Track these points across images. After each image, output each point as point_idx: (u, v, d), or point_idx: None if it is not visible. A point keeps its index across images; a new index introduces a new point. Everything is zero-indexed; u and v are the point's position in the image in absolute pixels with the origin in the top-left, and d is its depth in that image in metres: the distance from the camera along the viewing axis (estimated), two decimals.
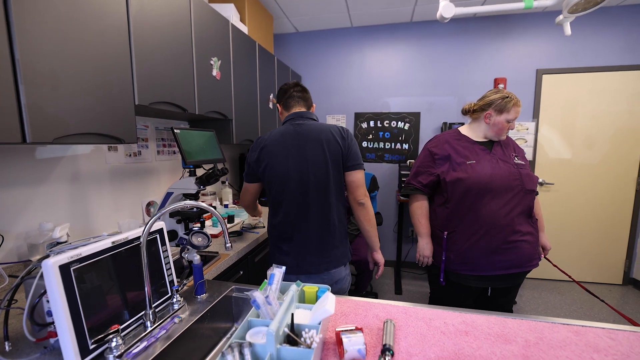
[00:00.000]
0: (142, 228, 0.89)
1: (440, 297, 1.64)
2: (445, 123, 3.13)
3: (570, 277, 1.84)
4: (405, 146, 3.35)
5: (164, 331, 0.88)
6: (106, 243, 0.83)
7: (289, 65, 3.37)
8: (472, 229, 1.44)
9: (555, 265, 1.86)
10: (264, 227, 1.97)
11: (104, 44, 1.09)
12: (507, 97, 1.46)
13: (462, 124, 3.12)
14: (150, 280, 0.89)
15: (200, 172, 1.51)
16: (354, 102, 3.47)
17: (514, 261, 1.43)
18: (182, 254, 1.14)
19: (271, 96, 2.65)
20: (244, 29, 2.24)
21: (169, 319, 0.94)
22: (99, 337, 0.75)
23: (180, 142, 1.38)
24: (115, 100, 1.14)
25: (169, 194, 1.50)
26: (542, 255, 1.62)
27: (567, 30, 2.01)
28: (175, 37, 1.46)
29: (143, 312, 0.89)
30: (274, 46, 3.46)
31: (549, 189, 3.17)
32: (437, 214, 1.58)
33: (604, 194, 3.10)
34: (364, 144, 3.47)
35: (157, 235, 1.02)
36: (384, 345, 0.76)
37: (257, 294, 0.74)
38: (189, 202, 0.97)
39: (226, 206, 2.38)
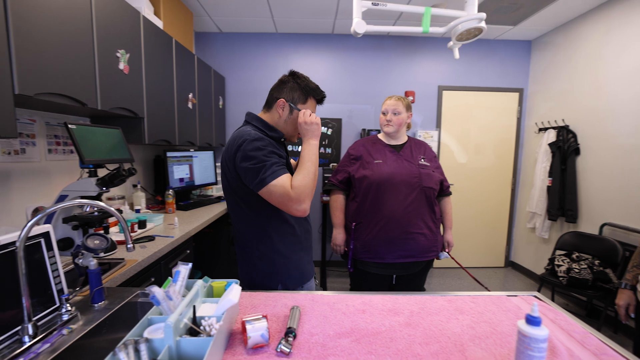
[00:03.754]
0: (18, 232, 0.79)
1: (357, 289, 1.78)
2: (364, 129, 3.38)
3: (463, 267, 2.16)
4: (329, 150, 3.52)
5: (48, 345, 0.80)
6: None
7: (211, 65, 3.27)
8: (374, 221, 1.61)
9: (454, 259, 2.15)
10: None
11: None
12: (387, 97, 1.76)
13: (379, 130, 3.44)
14: (31, 291, 0.79)
15: (103, 172, 1.39)
16: None
17: (410, 251, 1.63)
18: (76, 260, 1.03)
19: (190, 96, 2.54)
20: (158, 23, 2.12)
21: (55, 332, 0.85)
22: None
23: (76, 139, 1.25)
24: None
25: (62, 197, 1.34)
26: (447, 250, 1.85)
27: (456, 54, 2.37)
28: (70, 23, 1.32)
29: (20, 327, 0.79)
30: (195, 44, 3.33)
31: (450, 189, 3.65)
32: (348, 207, 1.75)
33: (489, 192, 3.69)
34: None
35: (42, 240, 0.92)
36: (288, 328, 0.81)
37: (156, 289, 0.72)
38: (83, 201, 0.90)
39: (138, 211, 2.20)
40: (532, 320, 0.64)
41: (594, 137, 2.78)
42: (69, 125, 1.23)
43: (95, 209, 1.35)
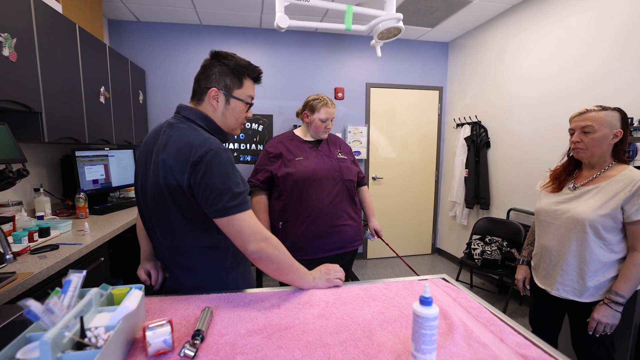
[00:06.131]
0: None
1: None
2: (295, 125, 3.40)
3: (395, 252, 2.30)
4: (260, 147, 3.47)
5: None
6: None
7: (129, 57, 2.99)
8: (302, 217, 1.63)
9: (386, 244, 2.28)
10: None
11: None
12: (317, 99, 1.69)
13: None
14: None
15: None
16: None
17: (338, 243, 1.68)
18: None
19: (102, 89, 2.30)
20: (56, 6, 1.87)
21: None
22: None
23: None
24: None
25: None
26: (379, 236, 1.95)
27: (378, 52, 2.50)
28: None
29: None
30: (109, 34, 3.03)
31: (380, 183, 3.85)
32: (273, 207, 1.73)
33: (416, 184, 3.98)
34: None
35: None
36: (196, 330, 0.77)
37: (32, 302, 0.63)
38: None
39: (40, 218, 1.94)
40: (423, 301, 0.69)
41: (501, 132, 3.16)
42: None
43: None
